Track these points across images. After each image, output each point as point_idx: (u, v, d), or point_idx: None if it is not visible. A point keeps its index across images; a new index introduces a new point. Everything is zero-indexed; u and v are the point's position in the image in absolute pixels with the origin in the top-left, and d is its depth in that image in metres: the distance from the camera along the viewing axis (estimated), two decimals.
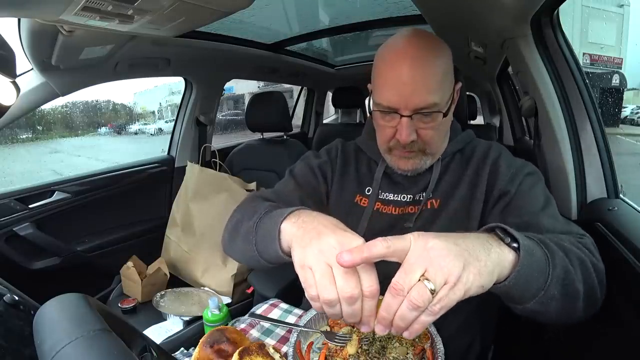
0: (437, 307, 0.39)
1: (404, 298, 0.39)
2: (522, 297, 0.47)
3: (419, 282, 0.38)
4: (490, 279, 0.42)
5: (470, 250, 0.41)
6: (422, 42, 0.63)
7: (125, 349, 0.35)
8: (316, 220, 0.50)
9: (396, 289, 0.39)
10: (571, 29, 2.44)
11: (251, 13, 1.32)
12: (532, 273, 0.45)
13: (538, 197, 0.65)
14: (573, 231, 0.60)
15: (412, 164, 0.70)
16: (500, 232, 0.46)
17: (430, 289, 0.38)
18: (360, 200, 0.78)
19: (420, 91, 0.61)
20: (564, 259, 0.48)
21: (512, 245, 0.45)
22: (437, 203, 0.72)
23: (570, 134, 0.83)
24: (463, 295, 0.39)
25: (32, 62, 1.14)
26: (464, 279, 0.39)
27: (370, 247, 0.41)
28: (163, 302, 1.28)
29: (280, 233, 0.53)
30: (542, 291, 0.46)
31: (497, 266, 0.42)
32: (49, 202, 1.44)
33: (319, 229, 0.48)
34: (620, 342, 0.59)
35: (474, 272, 0.40)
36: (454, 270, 0.39)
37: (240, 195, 1.41)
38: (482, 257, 0.41)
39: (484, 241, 0.44)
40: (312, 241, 0.46)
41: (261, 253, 0.58)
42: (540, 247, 0.47)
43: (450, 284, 0.39)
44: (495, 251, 0.43)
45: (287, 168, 0.85)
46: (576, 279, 0.49)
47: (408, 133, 0.64)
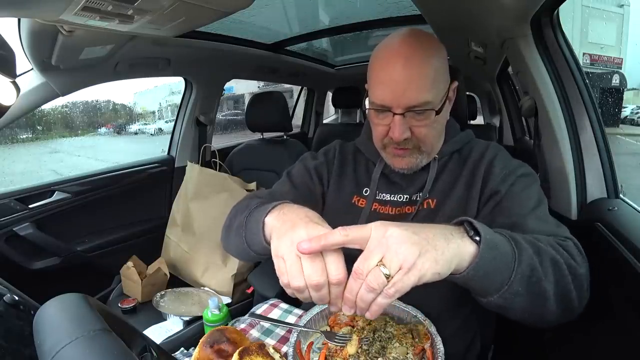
0: (391, 290, 0.42)
1: (363, 281, 0.42)
2: (485, 290, 0.49)
3: (375, 267, 0.42)
4: (447, 267, 0.44)
5: (429, 239, 0.44)
6: (416, 42, 0.64)
7: (125, 349, 0.35)
8: (294, 213, 0.54)
9: (357, 273, 0.43)
10: (571, 29, 2.43)
11: (251, 13, 1.32)
12: (494, 266, 0.46)
13: (529, 199, 0.65)
14: (559, 234, 0.60)
15: (407, 162, 0.71)
16: (467, 226, 0.49)
17: (385, 273, 0.41)
18: (358, 201, 0.78)
19: (412, 89, 0.62)
20: (533, 257, 0.49)
21: (474, 238, 0.47)
22: (433, 203, 0.72)
23: (570, 134, 0.83)
24: (417, 281, 0.42)
25: (32, 62, 1.14)
26: (419, 266, 0.42)
27: (327, 236, 0.45)
28: (163, 302, 1.28)
29: (264, 226, 0.57)
30: (505, 285, 0.47)
31: (455, 256, 0.44)
32: (49, 202, 1.44)
33: (294, 221, 0.51)
34: (620, 342, 0.59)
35: (430, 259, 0.42)
36: (409, 257, 0.41)
37: (240, 195, 1.41)
38: (440, 246, 0.44)
39: (446, 232, 0.46)
40: (286, 233, 0.49)
41: (250, 245, 0.62)
42: (509, 243, 0.49)
43: (405, 270, 0.41)
44: (455, 242, 0.45)
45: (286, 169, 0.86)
46: (544, 278, 0.49)
47: (401, 131, 0.65)
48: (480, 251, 0.45)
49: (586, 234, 0.69)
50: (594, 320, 0.65)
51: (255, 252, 0.62)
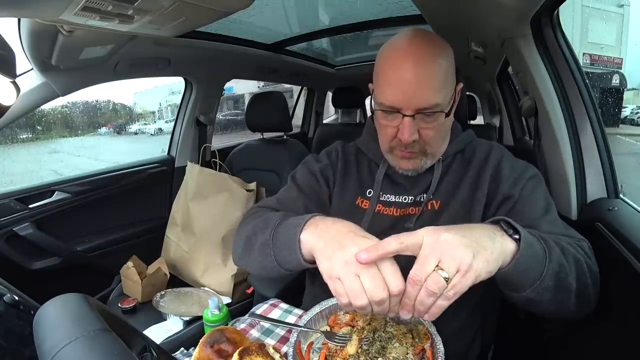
0: (451, 293, 0.44)
1: (422, 287, 0.44)
2: (520, 285, 0.51)
3: (434, 272, 0.43)
4: (496, 265, 0.46)
5: (478, 240, 0.46)
6: (425, 42, 0.63)
7: (125, 349, 0.35)
8: (333, 228, 0.54)
9: (414, 280, 0.44)
10: (571, 29, 2.43)
11: (251, 13, 1.32)
12: (531, 263, 0.49)
13: (539, 202, 0.67)
14: (572, 235, 0.62)
15: (413, 164, 0.71)
16: (504, 225, 0.51)
17: (445, 277, 0.43)
18: (362, 203, 0.77)
19: (423, 91, 0.61)
20: (560, 255, 0.52)
21: (514, 236, 0.49)
22: (437, 204, 0.72)
23: (570, 134, 0.83)
24: (474, 281, 0.44)
25: (32, 62, 1.14)
26: (475, 267, 0.44)
27: (384, 245, 0.46)
28: (163, 302, 1.28)
29: (301, 243, 0.56)
30: (538, 280, 0.50)
31: (501, 254, 0.47)
32: (49, 202, 1.44)
33: (339, 239, 0.51)
34: (620, 342, 0.59)
35: (482, 260, 0.44)
36: (465, 259, 0.43)
37: (240, 195, 1.41)
38: (488, 246, 0.46)
39: (489, 232, 0.49)
40: (335, 252, 0.50)
41: (281, 264, 0.60)
42: (539, 241, 0.51)
43: (462, 272, 0.43)
44: (499, 241, 0.48)
45: (289, 174, 0.86)
46: (570, 274, 0.52)
47: (410, 133, 0.64)
48: (520, 249, 0.48)
49: (586, 234, 0.68)
50: (594, 320, 0.65)
51: (286, 269, 0.61)
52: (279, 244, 0.60)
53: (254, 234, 0.67)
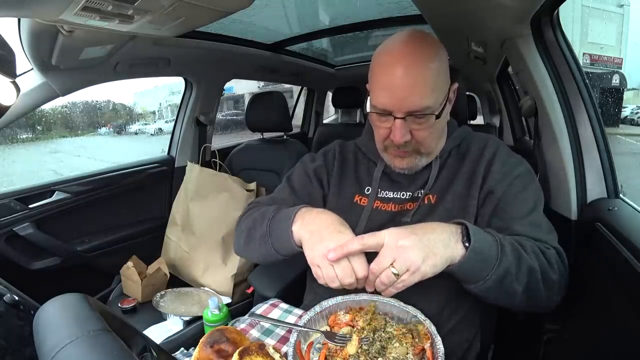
0: (400, 285, 0.56)
1: (378, 277, 0.56)
2: (463, 281, 0.60)
3: (387, 269, 0.55)
4: (441, 267, 0.56)
5: (432, 246, 0.55)
6: (417, 45, 0.64)
7: (125, 349, 0.35)
8: (317, 220, 0.65)
9: (372, 272, 0.57)
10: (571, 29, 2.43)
11: (251, 13, 1.32)
12: (474, 267, 0.58)
13: (525, 202, 0.68)
14: (547, 241, 0.66)
15: (407, 163, 0.72)
16: (463, 230, 0.59)
17: (395, 273, 0.55)
18: (360, 200, 0.79)
19: (413, 95, 0.63)
20: (511, 265, 0.58)
21: (466, 244, 0.57)
22: (434, 198, 0.73)
23: (570, 134, 0.83)
24: (421, 278, 0.55)
25: (32, 62, 1.14)
26: (422, 269, 0.54)
27: (347, 245, 0.57)
28: (163, 302, 1.28)
29: (292, 234, 0.66)
30: (481, 281, 0.58)
31: (449, 259, 0.56)
32: (49, 202, 1.44)
33: (320, 232, 0.62)
34: (620, 342, 0.59)
35: (430, 264, 0.54)
36: (415, 263, 0.54)
37: (240, 195, 1.41)
38: (439, 252, 0.55)
39: (446, 236, 0.57)
40: (316, 245, 0.61)
41: (278, 251, 0.71)
42: (496, 248, 0.58)
43: (411, 272, 0.54)
44: (451, 247, 0.57)
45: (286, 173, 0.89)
46: (515, 282, 0.59)
47: (401, 134, 0.66)
48: (466, 256, 0.56)
49: (586, 234, 0.69)
50: (594, 320, 0.65)
51: (283, 255, 0.71)
52: (275, 235, 0.70)
53: (253, 227, 0.76)
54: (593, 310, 0.63)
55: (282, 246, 0.69)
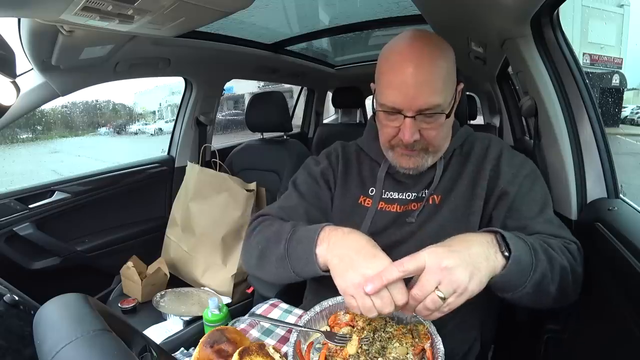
0: (446, 309, 0.51)
1: (421, 302, 0.51)
2: (502, 291, 0.57)
3: (432, 293, 0.50)
4: (486, 282, 0.52)
5: (475, 261, 0.51)
6: (426, 44, 0.64)
7: (125, 349, 0.35)
8: (345, 243, 0.59)
9: (415, 298, 0.51)
10: (571, 29, 2.43)
11: (251, 13, 1.32)
12: (515, 276, 0.55)
13: (536, 200, 0.69)
14: (564, 236, 0.66)
15: (414, 162, 0.71)
16: (499, 239, 0.56)
17: (441, 297, 0.49)
18: (364, 201, 0.78)
19: (424, 93, 0.62)
20: (546, 267, 0.57)
21: (505, 253, 0.54)
22: (438, 199, 0.73)
23: (570, 134, 0.83)
24: (467, 299, 0.51)
25: (32, 62, 1.14)
26: (470, 289, 0.50)
27: (386, 274, 0.51)
28: (163, 302, 1.28)
29: (317, 257, 0.60)
30: (520, 288, 0.56)
31: (492, 272, 0.53)
32: (49, 202, 1.44)
33: (351, 257, 0.56)
34: (620, 342, 0.59)
35: (476, 282, 0.50)
36: (462, 284, 0.49)
37: (240, 195, 1.41)
38: (483, 267, 0.52)
39: (486, 249, 0.54)
40: (347, 272, 0.55)
41: (299, 274, 0.65)
42: (530, 253, 0.56)
43: (458, 293, 0.50)
44: (492, 259, 0.53)
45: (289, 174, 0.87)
46: (551, 282, 0.58)
47: (411, 133, 0.65)
48: (508, 266, 0.53)
49: (586, 234, 0.69)
50: (593, 320, 0.65)
51: (304, 277, 0.66)
52: (295, 257, 0.64)
53: (267, 247, 0.70)
54: (593, 310, 0.63)
55: (304, 270, 0.63)
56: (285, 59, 2.05)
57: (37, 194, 1.42)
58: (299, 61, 2.18)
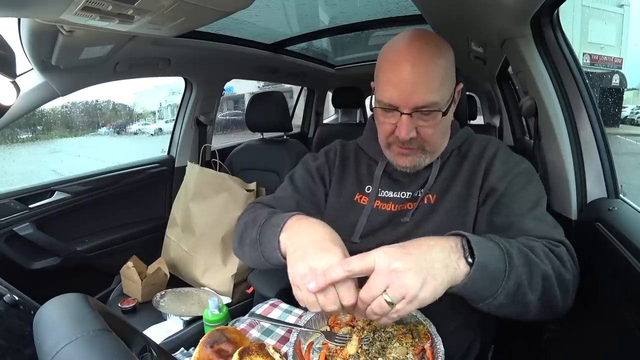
0: (394, 315, 0.47)
1: (369, 305, 0.47)
2: (470, 300, 0.53)
3: (379, 296, 0.46)
4: (442, 290, 0.48)
5: (430, 268, 0.47)
6: (425, 43, 0.64)
7: (125, 349, 0.35)
8: (304, 233, 0.57)
9: (362, 300, 0.48)
10: (571, 29, 2.43)
11: (251, 13, 1.32)
12: (482, 284, 0.50)
13: (527, 198, 0.66)
14: (554, 236, 0.61)
15: (411, 161, 0.71)
16: (464, 243, 0.51)
17: (389, 301, 0.46)
18: (360, 199, 0.79)
19: (420, 90, 0.63)
20: (521, 276, 0.52)
21: (469, 260, 0.50)
22: (433, 198, 0.73)
23: (570, 134, 0.83)
24: (419, 306, 0.47)
25: (32, 62, 1.14)
26: (420, 296, 0.46)
27: (330, 273, 0.48)
28: (163, 302, 1.28)
29: (279, 244, 0.60)
30: (490, 298, 0.51)
31: (451, 280, 0.48)
32: (49, 202, 1.44)
33: (304, 248, 0.54)
34: (620, 342, 0.59)
35: (429, 289, 0.46)
36: (412, 290, 0.45)
37: (240, 195, 1.41)
38: (439, 275, 0.47)
39: (446, 255, 0.49)
40: (297, 262, 0.53)
41: (268, 260, 0.64)
42: (503, 259, 0.51)
43: (408, 300, 0.46)
44: (452, 267, 0.49)
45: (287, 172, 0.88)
46: (529, 293, 0.53)
47: (407, 130, 0.65)
48: (471, 274, 0.49)
49: (586, 234, 0.69)
50: (594, 320, 0.65)
51: (273, 264, 0.65)
52: (264, 242, 0.64)
53: (245, 230, 0.72)
54: (593, 310, 0.63)
55: (271, 256, 0.62)
56: (285, 59, 2.05)
57: (37, 194, 1.42)
58: (299, 61, 2.18)
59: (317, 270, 0.50)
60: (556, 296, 0.55)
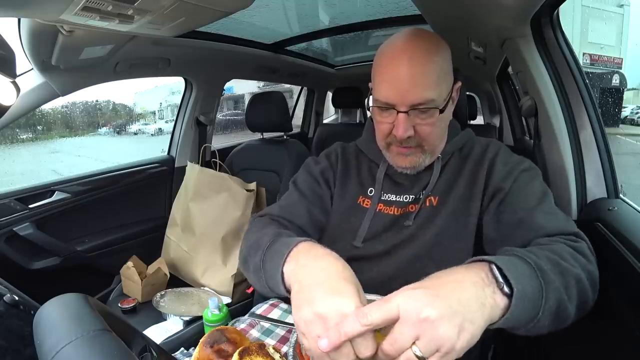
0: None
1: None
2: (511, 329, 0.47)
3: (408, 349, 0.39)
4: (479, 335, 0.41)
5: (466, 312, 0.40)
6: (421, 41, 0.64)
7: (125, 349, 0.35)
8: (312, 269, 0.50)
9: (385, 353, 0.40)
10: (571, 29, 2.43)
11: (251, 13, 1.32)
12: (523, 313, 0.44)
13: (533, 193, 0.66)
14: (569, 229, 0.60)
15: (410, 161, 0.71)
16: (495, 271, 0.45)
17: (419, 356, 0.38)
18: (363, 202, 0.78)
19: (416, 87, 0.62)
20: (559, 289, 0.47)
21: (506, 290, 0.43)
22: (435, 201, 0.73)
23: (570, 134, 0.83)
24: (454, 359, 0.39)
25: (32, 62, 1.14)
26: (457, 347, 0.39)
27: (345, 328, 0.40)
28: (163, 302, 1.28)
29: (283, 276, 0.53)
30: (531, 323, 0.45)
31: (488, 320, 0.42)
32: (49, 202, 1.43)
33: (312, 289, 0.46)
34: (620, 342, 0.59)
35: (467, 337, 0.39)
36: (448, 341, 0.38)
37: (240, 195, 1.41)
38: (477, 318, 0.40)
39: (479, 291, 0.42)
40: (303, 306, 0.45)
41: (273, 290, 0.58)
42: (536, 277, 0.46)
43: (442, 353, 0.38)
44: (489, 304, 0.42)
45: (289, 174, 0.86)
46: (569, 303, 0.48)
47: (405, 128, 0.65)
48: (512, 306, 0.43)
49: (586, 234, 0.68)
50: (594, 321, 0.65)
51: (277, 294, 0.58)
52: (268, 272, 0.58)
53: (249, 254, 0.66)
54: (593, 310, 0.63)
55: (274, 287, 0.56)
56: (285, 59, 2.05)
57: (37, 194, 1.42)
58: (299, 61, 2.18)
59: (327, 319, 0.42)
60: (589, 295, 0.53)
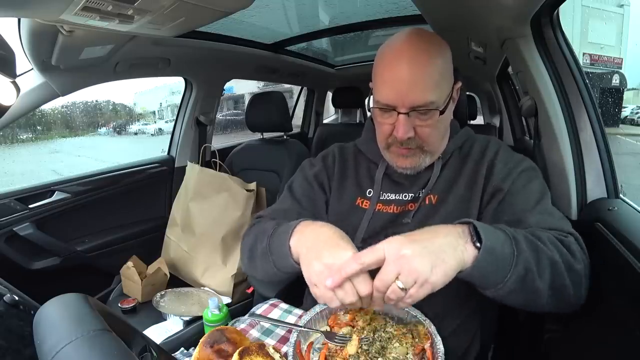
0: (409, 300, 0.49)
1: (384, 294, 0.50)
2: (481, 286, 0.54)
3: (393, 284, 0.48)
4: (453, 274, 0.50)
5: (439, 251, 0.49)
6: (421, 42, 0.64)
7: (125, 349, 0.35)
8: (314, 234, 0.60)
9: (378, 289, 0.50)
10: (571, 29, 2.44)
11: (251, 13, 1.32)
12: (491, 268, 0.52)
13: (532, 194, 0.67)
14: (562, 228, 0.62)
15: (411, 162, 0.71)
16: (471, 229, 0.53)
17: (401, 287, 0.48)
18: (362, 203, 0.78)
19: (417, 89, 0.63)
20: (529, 260, 0.53)
21: (477, 244, 0.51)
22: (435, 199, 0.73)
23: (570, 134, 0.83)
24: (431, 291, 0.49)
25: (32, 62, 1.14)
26: (431, 279, 0.48)
27: (346, 269, 0.50)
28: (163, 302, 1.28)
29: (291, 249, 0.61)
30: (500, 284, 0.52)
31: (460, 262, 0.50)
32: (49, 202, 1.43)
33: (318, 247, 0.57)
34: (620, 342, 0.59)
35: (439, 272, 0.48)
36: (423, 274, 0.47)
37: (240, 195, 1.40)
38: (448, 258, 0.49)
39: (453, 239, 0.52)
40: (312, 261, 0.55)
41: (280, 269, 0.65)
42: (510, 244, 0.53)
43: (419, 284, 0.48)
44: (460, 250, 0.51)
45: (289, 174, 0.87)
46: (538, 278, 0.53)
47: (405, 130, 0.65)
48: (479, 256, 0.50)
49: (586, 234, 0.68)
50: (594, 320, 0.65)
51: (286, 273, 0.66)
52: (275, 251, 0.65)
53: (254, 244, 0.72)
54: (593, 310, 0.63)
55: (283, 264, 0.63)
56: (285, 59, 2.05)
57: (37, 194, 1.42)
58: (299, 61, 2.18)
59: (333, 266, 0.52)
60: (567, 285, 0.56)
